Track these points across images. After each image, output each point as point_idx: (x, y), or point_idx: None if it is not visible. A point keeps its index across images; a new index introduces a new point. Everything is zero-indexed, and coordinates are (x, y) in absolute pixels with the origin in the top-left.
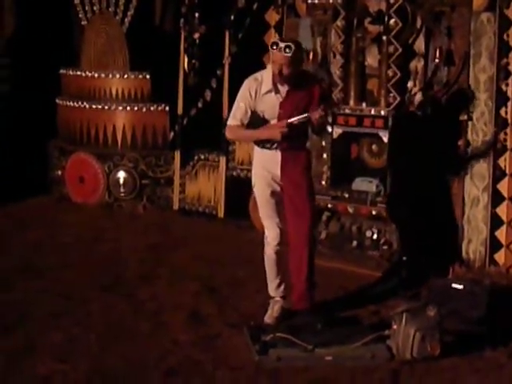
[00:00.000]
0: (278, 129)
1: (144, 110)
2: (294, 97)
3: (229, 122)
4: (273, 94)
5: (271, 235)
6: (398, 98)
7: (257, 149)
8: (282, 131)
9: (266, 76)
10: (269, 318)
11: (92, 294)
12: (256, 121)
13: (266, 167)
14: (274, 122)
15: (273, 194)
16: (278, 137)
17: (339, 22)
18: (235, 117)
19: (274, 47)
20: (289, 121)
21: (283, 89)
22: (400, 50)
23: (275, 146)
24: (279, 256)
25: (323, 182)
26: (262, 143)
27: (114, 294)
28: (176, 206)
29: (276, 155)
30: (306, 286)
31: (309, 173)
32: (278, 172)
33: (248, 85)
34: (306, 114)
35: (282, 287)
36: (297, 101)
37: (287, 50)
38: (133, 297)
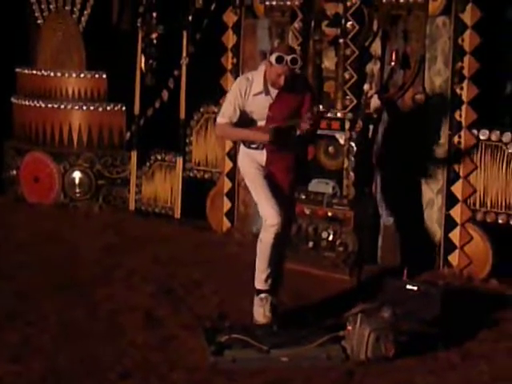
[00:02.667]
0: (264, 136)
1: (100, 109)
2: (284, 100)
3: (218, 120)
4: (263, 95)
5: (270, 215)
6: (355, 101)
7: (241, 147)
8: (270, 136)
9: (257, 77)
10: (262, 317)
11: (47, 295)
12: (244, 121)
13: (252, 157)
14: (262, 123)
15: (265, 177)
16: (265, 140)
17: (297, 24)
18: (224, 115)
19: (279, 61)
20: (273, 126)
21: (274, 91)
22: (357, 52)
23: (262, 146)
24: (276, 241)
25: None
26: (249, 143)
27: (69, 294)
28: (132, 207)
29: (262, 155)
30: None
31: (293, 176)
32: (264, 164)
33: (239, 84)
34: (294, 121)
35: (271, 279)
36: (287, 104)
37: (294, 64)
38: (88, 297)
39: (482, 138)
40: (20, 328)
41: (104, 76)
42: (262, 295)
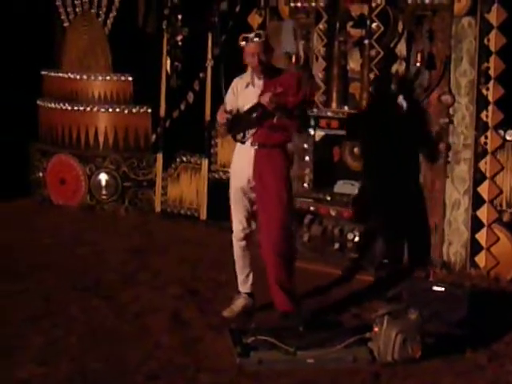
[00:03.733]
0: (221, 114)
1: (126, 112)
2: (271, 89)
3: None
4: (251, 87)
5: (234, 230)
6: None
7: (236, 146)
8: (222, 116)
9: (247, 73)
10: (228, 311)
11: (73, 297)
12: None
13: (239, 164)
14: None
15: (241, 190)
16: (219, 119)
17: (322, 26)
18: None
19: (245, 41)
20: (227, 110)
21: (259, 82)
22: (382, 53)
23: (245, 138)
24: (243, 252)
25: (305, 185)
26: (234, 136)
27: (95, 296)
28: (158, 209)
29: (250, 153)
30: (282, 289)
31: (284, 173)
32: (251, 171)
33: (232, 84)
34: (255, 101)
35: (249, 284)
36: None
37: (258, 37)
38: (114, 299)
39: (508, 138)
40: (47, 330)
41: (130, 78)
42: (240, 294)
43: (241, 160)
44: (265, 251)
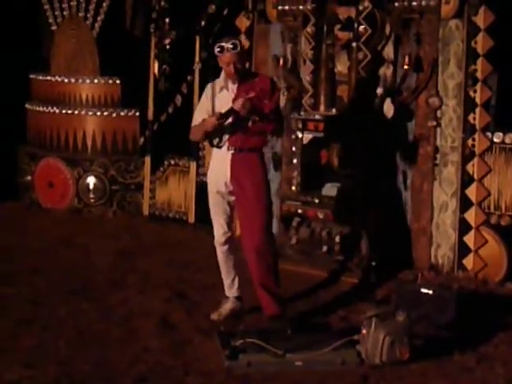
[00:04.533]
0: (210, 119)
1: (114, 115)
2: (244, 91)
3: (191, 125)
4: (225, 91)
5: (215, 235)
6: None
7: (212, 151)
8: (213, 122)
9: (220, 78)
10: (216, 314)
11: (61, 300)
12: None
13: (216, 169)
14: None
15: (219, 194)
16: (209, 127)
17: (309, 29)
18: (194, 119)
19: (220, 50)
20: (216, 112)
21: (233, 86)
22: (369, 56)
23: (222, 143)
24: (226, 256)
25: (293, 188)
26: (211, 141)
27: (83, 299)
28: (146, 212)
29: (227, 157)
30: (268, 292)
31: (262, 176)
32: (229, 175)
33: (206, 89)
34: (230, 106)
35: (235, 288)
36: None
37: (234, 48)
38: (102, 302)
39: (496, 140)
40: (35, 333)
41: (118, 81)
42: (224, 298)
43: (218, 164)
44: (248, 254)
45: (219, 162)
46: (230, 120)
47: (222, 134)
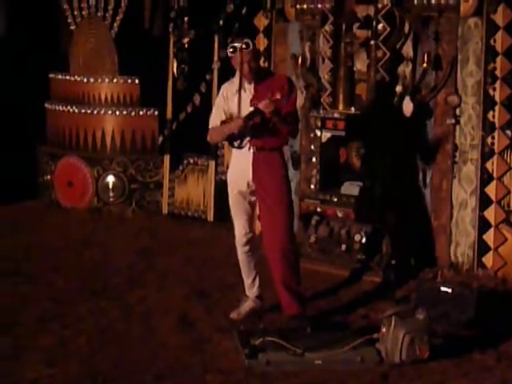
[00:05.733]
0: (237, 121)
1: (133, 114)
2: (262, 93)
3: (209, 127)
4: (242, 92)
5: (236, 236)
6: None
7: (232, 151)
8: (240, 124)
9: (235, 77)
10: (235, 313)
11: (81, 298)
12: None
13: (238, 169)
14: None
15: (240, 194)
16: (235, 129)
17: (328, 27)
18: (211, 121)
19: (233, 51)
20: (242, 115)
21: (250, 86)
22: (388, 54)
23: (244, 144)
24: (247, 257)
25: (312, 186)
26: (231, 142)
27: (103, 298)
28: (165, 211)
29: (248, 156)
30: (289, 291)
31: (284, 175)
32: (251, 174)
33: (222, 89)
34: (254, 107)
35: (256, 288)
36: (266, 97)
37: (247, 47)
38: (122, 301)
39: None
40: (55, 331)
41: (136, 81)
42: (245, 297)
43: (239, 164)
44: (269, 253)
45: (240, 162)
46: (254, 121)
47: (242, 134)
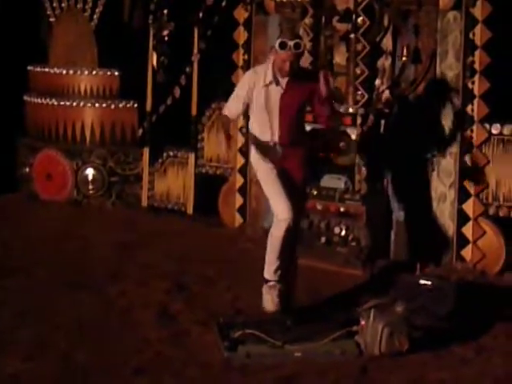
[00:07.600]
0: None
1: (113, 106)
2: (294, 89)
3: (223, 110)
4: (274, 86)
5: (281, 210)
6: (366, 96)
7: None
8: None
9: (266, 68)
10: (270, 305)
11: (60, 292)
12: (259, 114)
13: (264, 149)
14: (275, 113)
15: (278, 173)
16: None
17: (307, 20)
18: (228, 107)
19: (283, 47)
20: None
21: (283, 81)
22: (368, 47)
23: (274, 141)
24: (287, 235)
25: None
26: (255, 137)
27: (83, 291)
28: (145, 203)
29: (274, 150)
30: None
31: (306, 171)
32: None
33: (248, 77)
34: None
35: (279, 271)
36: (297, 93)
37: (297, 48)
38: (102, 294)
39: (494, 132)
40: (34, 325)
41: (116, 73)
42: (271, 283)
43: (265, 146)
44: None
45: (266, 147)
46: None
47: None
